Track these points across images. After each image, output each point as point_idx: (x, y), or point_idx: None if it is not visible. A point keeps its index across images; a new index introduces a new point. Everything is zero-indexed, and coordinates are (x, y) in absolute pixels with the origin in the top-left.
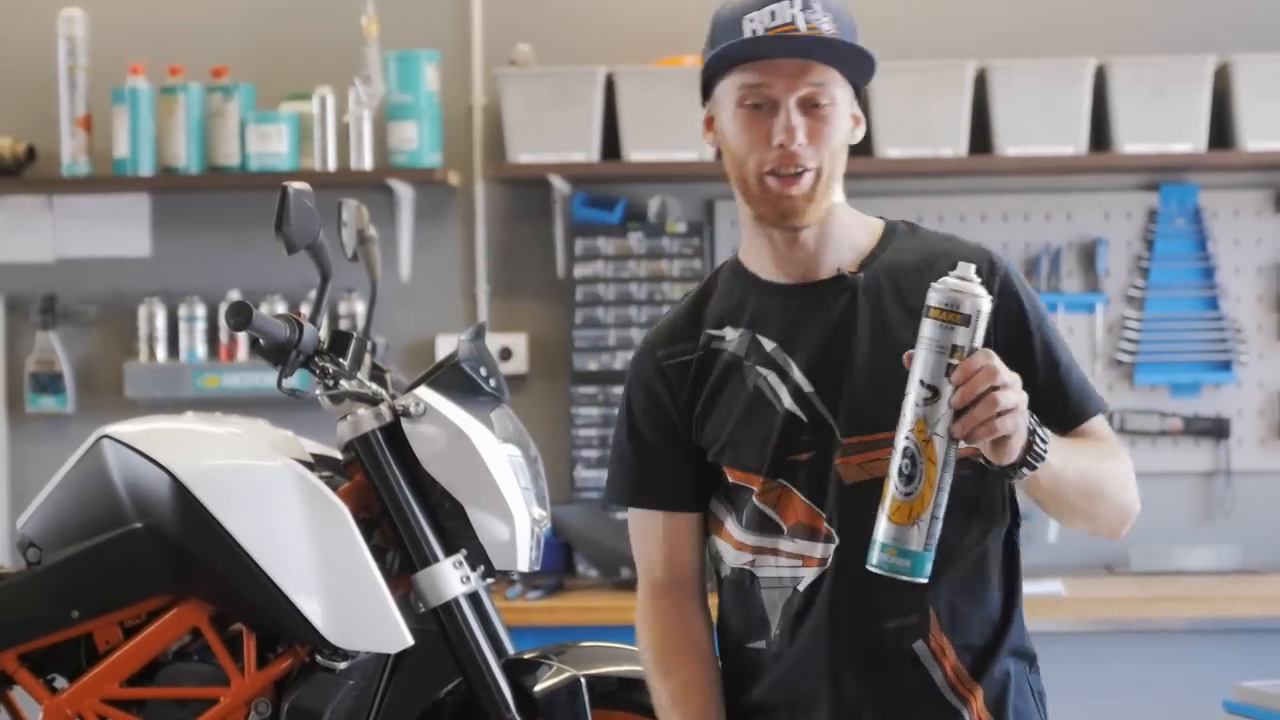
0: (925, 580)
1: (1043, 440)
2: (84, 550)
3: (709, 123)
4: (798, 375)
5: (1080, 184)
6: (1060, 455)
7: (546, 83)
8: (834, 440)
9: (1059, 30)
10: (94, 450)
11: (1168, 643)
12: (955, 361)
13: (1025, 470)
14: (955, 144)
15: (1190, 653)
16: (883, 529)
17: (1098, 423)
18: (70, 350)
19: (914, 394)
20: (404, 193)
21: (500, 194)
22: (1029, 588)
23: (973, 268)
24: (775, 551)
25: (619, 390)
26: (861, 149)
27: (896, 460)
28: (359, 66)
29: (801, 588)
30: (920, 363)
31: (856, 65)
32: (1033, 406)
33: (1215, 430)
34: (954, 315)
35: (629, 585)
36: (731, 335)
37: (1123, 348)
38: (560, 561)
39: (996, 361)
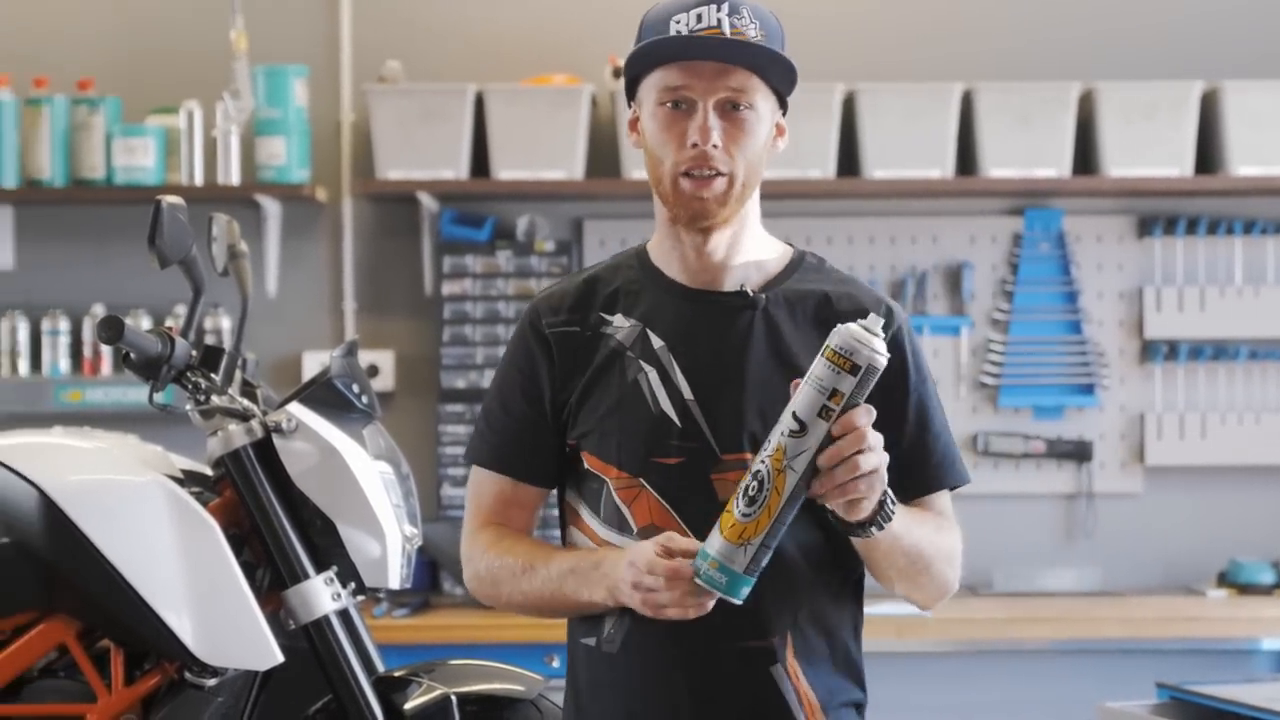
0: (738, 602)
1: (892, 503)
2: None
3: (633, 124)
4: (680, 379)
5: (946, 208)
6: (903, 522)
7: (416, 100)
8: (710, 453)
9: (927, 55)
10: None
11: (1031, 663)
12: (832, 405)
13: (872, 530)
14: (824, 166)
15: (1053, 673)
16: (713, 541)
17: (944, 497)
18: None
19: (784, 423)
20: (271, 208)
21: (368, 210)
22: (891, 608)
23: (881, 322)
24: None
25: None
26: None
27: (746, 479)
28: (227, 80)
29: None
30: (800, 396)
31: (778, 72)
32: (892, 463)
33: (1077, 453)
34: (845, 362)
35: None
36: (621, 323)
37: (987, 370)
38: (426, 579)
39: (869, 422)
